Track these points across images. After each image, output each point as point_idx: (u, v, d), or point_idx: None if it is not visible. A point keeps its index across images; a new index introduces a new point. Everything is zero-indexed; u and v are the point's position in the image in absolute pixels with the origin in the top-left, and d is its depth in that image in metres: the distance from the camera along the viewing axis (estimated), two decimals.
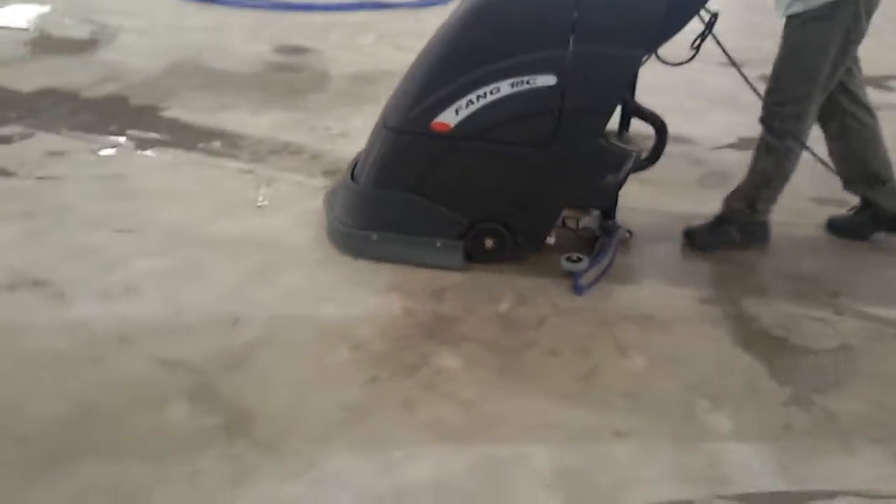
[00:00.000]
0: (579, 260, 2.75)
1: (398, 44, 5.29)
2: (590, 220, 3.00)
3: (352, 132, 3.98)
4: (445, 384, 2.29)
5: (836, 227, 3.16)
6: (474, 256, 2.83)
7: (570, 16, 2.48)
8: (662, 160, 2.86)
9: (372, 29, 5.80)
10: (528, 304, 2.67)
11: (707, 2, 2.62)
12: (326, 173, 3.56)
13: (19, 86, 4.55)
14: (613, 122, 2.91)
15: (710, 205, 3.12)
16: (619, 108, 2.90)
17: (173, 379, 2.30)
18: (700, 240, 3.01)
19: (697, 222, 3.07)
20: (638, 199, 3.22)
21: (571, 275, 2.73)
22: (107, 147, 3.76)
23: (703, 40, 2.69)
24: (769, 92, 2.79)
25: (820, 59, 2.65)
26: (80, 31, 5.65)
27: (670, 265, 2.95)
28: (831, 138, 2.97)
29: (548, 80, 2.54)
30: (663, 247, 3.06)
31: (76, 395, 2.22)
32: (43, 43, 5.44)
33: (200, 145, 3.80)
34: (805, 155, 2.86)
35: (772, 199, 2.95)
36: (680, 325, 2.59)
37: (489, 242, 2.82)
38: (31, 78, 4.67)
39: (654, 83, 3.23)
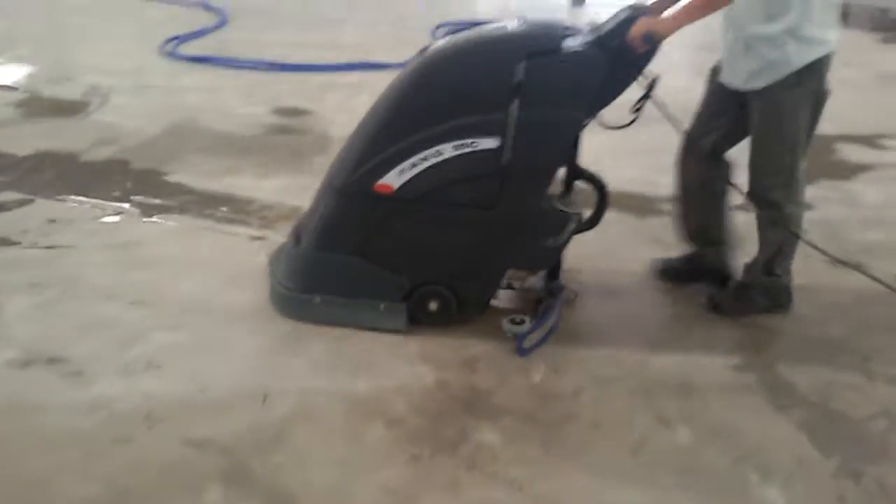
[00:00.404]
0: (522, 322, 2.75)
1: None
2: (536, 281, 3.00)
3: None
4: (489, 462, 2.22)
5: (663, 272, 3.21)
6: (419, 318, 2.81)
7: (512, 80, 2.50)
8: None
9: (367, 89, 5.75)
10: (562, 373, 2.62)
11: (645, 68, 2.65)
12: None
13: (14, 149, 4.48)
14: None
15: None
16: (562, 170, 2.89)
17: (205, 460, 2.20)
18: (729, 310, 2.99)
19: (716, 290, 3.06)
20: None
21: (515, 336, 2.72)
22: (111, 214, 3.68)
23: (643, 103, 2.70)
24: (753, 168, 2.80)
25: (797, 127, 2.69)
26: (71, 92, 5.60)
27: (694, 329, 2.92)
28: (691, 187, 3.02)
29: (490, 142, 2.56)
30: (684, 308, 3.04)
31: (106, 478, 2.13)
32: (34, 104, 5.38)
33: (208, 211, 3.73)
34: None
35: (789, 261, 2.96)
36: (718, 393, 2.55)
37: (433, 305, 2.80)
38: (26, 141, 4.60)
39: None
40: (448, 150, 2.57)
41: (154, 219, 3.65)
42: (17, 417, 2.35)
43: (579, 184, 2.90)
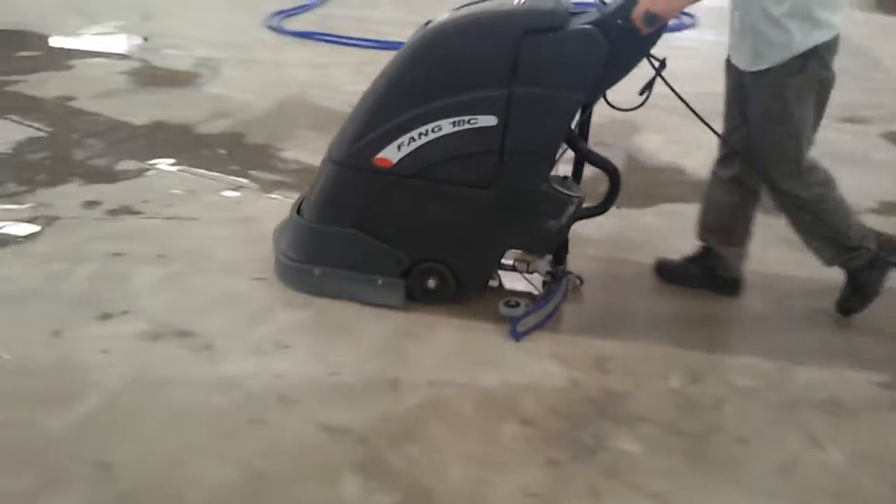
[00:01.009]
0: (517, 305, 2.72)
1: None
2: (541, 265, 2.90)
3: None
4: (630, 472, 2.12)
5: (664, 272, 3.07)
6: (416, 296, 2.80)
7: (512, 57, 2.46)
8: None
9: None
10: (701, 382, 2.50)
11: (650, 50, 2.55)
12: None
13: (130, 118, 4.56)
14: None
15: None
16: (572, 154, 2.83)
17: (340, 447, 2.17)
18: (858, 305, 2.83)
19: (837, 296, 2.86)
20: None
21: (509, 319, 2.67)
22: (231, 188, 3.69)
23: (651, 87, 2.59)
24: (756, 158, 2.67)
25: (802, 113, 2.55)
26: (183, 63, 5.67)
27: (837, 343, 2.76)
28: (719, 180, 2.87)
29: (489, 120, 2.53)
30: (823, 319, 2.88)
31: (242, 460, 2.11)
32: (146, 73, 5.47)
33: None
34: None
35: (851, 228, 2.72)
36: (868, 413, 2.40)
37: (431, 282, 2.79)
38: (141, 110, 4.67)
39: None
40: (447, 126, 2.55)
41: (273, 195, 3.64)
42: (151, 392, 2.35)
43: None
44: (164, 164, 3.94)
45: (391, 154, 2.62)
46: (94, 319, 2.68)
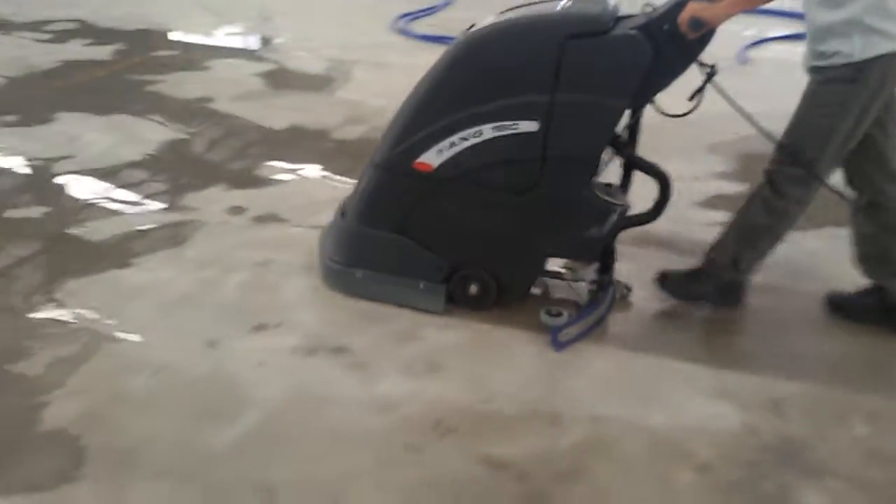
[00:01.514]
0: (559, 314, 2.67)
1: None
2: (588, 273, 2.85)
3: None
4: None
5: (837, 306, 2.85)
6: (458, 301, 2.77)
7: (554, 62, 2.42)
8: None
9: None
10: (884, 428, 2.30)
11: (698, 56, 2.47)
12: (632, 240, 3.25)
13: (269, 121, 4.59)
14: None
15: None
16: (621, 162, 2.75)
17: (500, 482, 2.08)
18: (673, 287, 2.84)
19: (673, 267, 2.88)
20: None
21: (550, 329, 2.62)
22: None
23: (701, 93, 2.50)
24: (780, 147, 2.56)
25: (836, 123, 2.45)
26: (316, 66, 5.71)
27: None
28: (858, 209, 2.68)
29: (530, 125, 2.49)
30: None
31: (401, 491, 2.06)
32: (280, 76, 5.52)
33: None
34: None
35: (758, 259, 2.72)
36: None
37: (473, 288, 2.75)
38: (279, 114, 4.70)
39: None
40: (488, 131, 2.52)
41: None
42: (309, 411, 2.32)
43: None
44: (306, 170, 3.95)
45: (432, 158, 2.60)
46: (248, 330, 2.68)
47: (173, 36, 6.69)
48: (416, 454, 2.17)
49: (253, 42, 6.64)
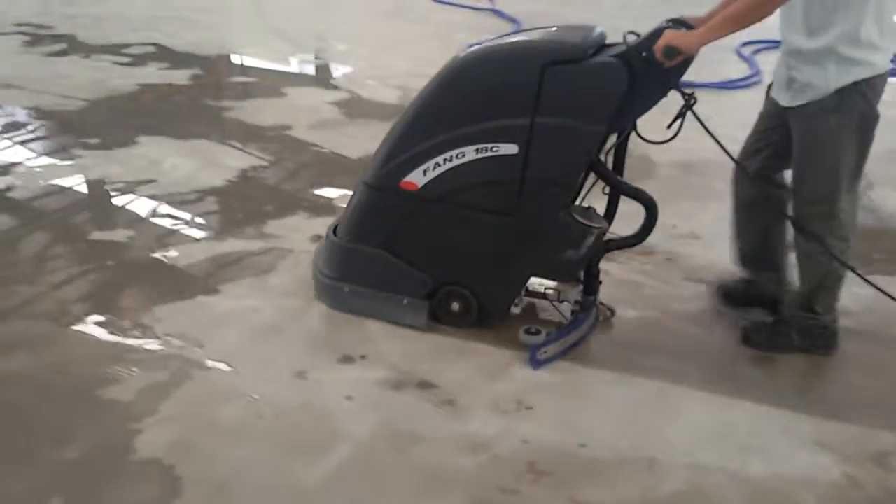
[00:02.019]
0: (537, 332, 2.74)
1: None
2: (573, 295, 2.89)
3: (703, 233, 3.66)
4: None
5: (724, 296, 3.05)
6: (440, 318, 2.85)
7: (534, 87, 2.49)
8: None
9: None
10: None
11: (676, 84, 2.50)
12: (688, 280, 3.25)
13: (345, 150, 4.63)
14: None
15: None
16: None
17: None
18: (760, 343, 2.81)
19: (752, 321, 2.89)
20: None
21: (529, 347, 2.68)
22: None
23: (681, 120, 2.54)
24: (795, 193, 2.64)
25: (839, 153, 2.49)
26: (388, 96, 5.75)
27: None
28: (739, 202, 2.88)
29: (510, 148, 2.56)
30: None
31: None
32: (355, 105, 5.58)
33: None
34: None
35: (831, 301, 2.72)
36: None
37: (455, 306, 2.83)
38: (355, 143, 4.74)
39: None
40: (470, 153, 2.60)
41: None
42: (400, 447, 2.30)
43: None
44: None
45: (417, 178, 2.67)
46: (335, 362, 2.68)
47: (248, 62, 6.82)
48: (511, 497, 2.13)
49: (326, 70, 6.74)
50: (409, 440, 2.32)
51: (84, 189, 4.09)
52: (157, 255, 3.38)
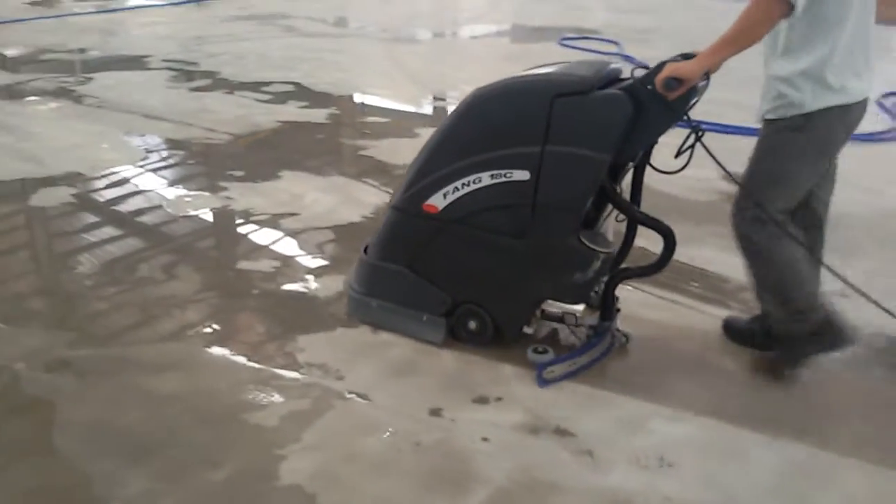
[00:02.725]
0: (545, 352, 2.87)
1: (868, 187, 4.77)
2: (590, 319, 3.02)
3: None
4: None
5: (729, 330, 3.12)
6: (458, 336, 3.01)
7: (545, 118, 2.63)
8: None
9: None
10: None
11: (682, 115, 2.61)
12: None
13: None
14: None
15: None
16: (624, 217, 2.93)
17: None
18: (790, 360, 2.87)
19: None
20: None
21: (536, 365, 2.81)
22: None
23: (689, 150, 2.66)
24: (738, 191, 2.75)
25: (786, 167, 2.66)
26: None
27: None
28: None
29: (523, 174, 2.70)
30: None
31: None
32: None
33: (680, 284, 3.52)
34: None
35: (806, 294, 2.74)
36: None
37: (472, 324, 2.98)
38: None
39: None
40: (486, 178, 2.75)
41: (628, 286, 3.51)
42: (539, 495, 2.27)
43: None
44: None
45: (438, 201, 2.85)
46: (470, 402, 2.69)
47: (382, 103, 7.03)
48: None
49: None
50: (547, 489, 2.29)
51: (231, 219, 4.28)
52: (299, 286, 3.50)
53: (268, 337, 3.08)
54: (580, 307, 3.01)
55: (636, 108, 2.56)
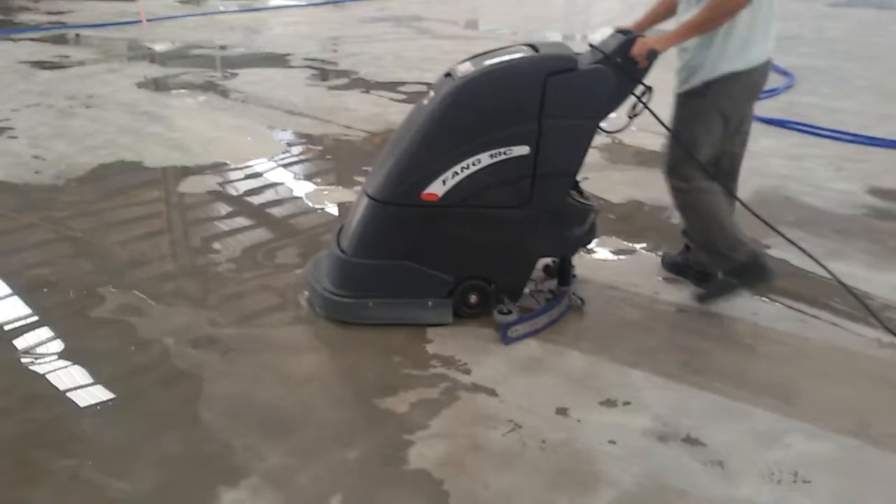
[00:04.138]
0: (509, 312, 3.07)
1: None
2: (548, 284, 3.35)
3: None
4: None
5: (666, 264, 3.64)
6: (458, 311, 3.14)
7: (539, 96, 2.86)
8: None
9: None
10: None
11: (639, 83, 3.03)
12: None
13: (608, 195, 4.63)
14: None
15: None
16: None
17: None
18: (713, 295, 3.30)
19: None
20: None
21: (501, 325, 3.01)
22: None
23: (640, 110, 3.08)
24: (667, 152, 3.17)
25: (696, 130, 3.07)
26: (653, 142, 5.65)
27: None
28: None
29: (522, 150, 2.90)
30: None
31: None
32: (618, 150, 5.57)
33: (825, 300, 3.38)
34: None
35: (726, 240, 3.15)
36: None
37: (473, 298, 3.14)
38: (617, 188, 4.74)
39: None
40: (485, 159, 2.91)
41: (765, 299, 3.40)
42: (664, 500, 2.24)
43: None
44: (644, 245, 3.92)
45: (437, 188, 2.94)
46: (597, 404, 2.67)
47: None
48: None
49: None
50: (676, 496, 2.26)
51: None
52: None
53: (396, 327, 3.14)
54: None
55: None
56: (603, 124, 3.05)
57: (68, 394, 2.72)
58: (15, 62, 8.31)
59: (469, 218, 3.01)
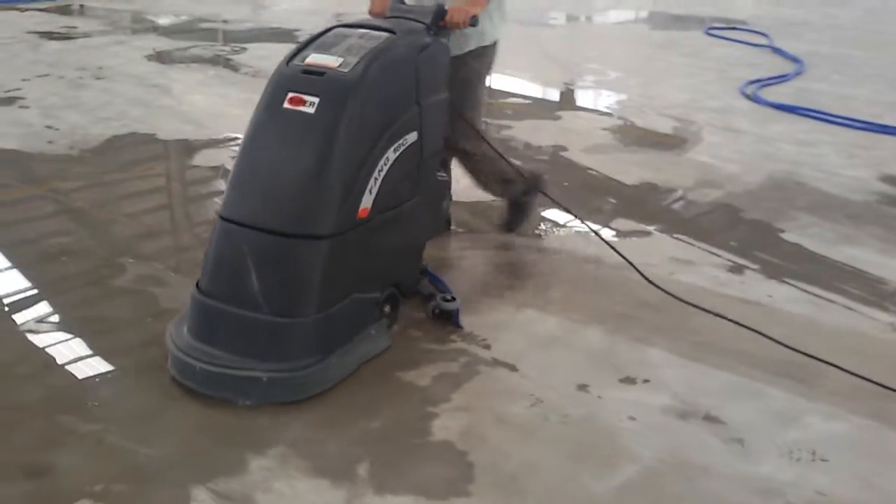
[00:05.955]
0: (453, 299, 3.01)
1: None
2: (423, 287, 3.13)
3: None
4: None
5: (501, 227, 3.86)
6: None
7: (415, 78, 2.80)
8: None
9: None
10: None
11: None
12: None
13: (619, 176, 4.65)
14: None
15: None
16: None
17: None
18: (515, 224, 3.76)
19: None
20: None
21: (447, 314, 2.99)
22: (730, 266, 3.55)
23: None
24: (451, 123, 3.13)
25: (480, 89, 3.39)
26: (663, 125, 5.71)
27: None
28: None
29: (413, 136, 2.82)
30: None
31: None
32: (628, 132, 5.59)
33: (836, 284, 3.41)
34: None
35: (505, 170, 3.49)
36: None
37: (387, 308, 2.88)
38: (628, 169, 4.75)
39: None
40: (391, 154, 2.74)
41: (780, 281, 3.43)
42: (689, 476, 2.27)
43: None
44: (657, 227, 3.94)
45: (367, 201, 2.67)
46: (617, 381, 2.70)
47: (523, 85, 7.04)
48: None
49: (599, 96, 6.82)
50: (697, 471, 2.29)
51: None
52: (453, 255, 3.60)
53: (414, 304, 3.15)
54: None
55: None
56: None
57: (89, 360, 2.74)
58: (22, 32, 8.29)
59: (386, 223, 2.76)
